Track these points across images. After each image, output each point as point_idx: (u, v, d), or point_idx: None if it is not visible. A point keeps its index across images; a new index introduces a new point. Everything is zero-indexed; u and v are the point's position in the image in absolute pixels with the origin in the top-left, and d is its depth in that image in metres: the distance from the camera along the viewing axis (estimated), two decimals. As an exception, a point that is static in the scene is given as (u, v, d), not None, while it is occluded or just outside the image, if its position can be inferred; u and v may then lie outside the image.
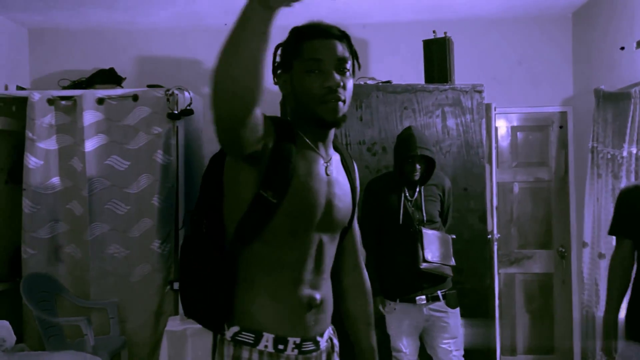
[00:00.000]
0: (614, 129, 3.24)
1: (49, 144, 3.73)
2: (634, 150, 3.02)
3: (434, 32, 3.40)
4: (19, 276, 3.64)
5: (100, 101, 3.70)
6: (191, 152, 3.87)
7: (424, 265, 2.64)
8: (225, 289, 1.32)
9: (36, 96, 3.69)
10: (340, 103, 1.30)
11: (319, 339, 1.39)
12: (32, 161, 3.67)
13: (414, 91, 3.25)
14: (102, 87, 3.85)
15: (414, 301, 2.70)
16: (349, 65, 1.32)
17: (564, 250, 4.05)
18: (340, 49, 1.32)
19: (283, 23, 1.35)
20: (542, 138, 4.16)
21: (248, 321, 1.31)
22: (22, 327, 3.62)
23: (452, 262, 2.74)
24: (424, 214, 2.72)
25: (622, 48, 3.30)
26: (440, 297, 2.72)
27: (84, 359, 2.51)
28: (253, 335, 1.30)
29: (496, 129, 4.08)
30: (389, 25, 4.07)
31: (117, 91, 3.78)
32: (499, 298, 3.80)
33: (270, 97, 4.07)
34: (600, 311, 3.25)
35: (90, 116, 3.67)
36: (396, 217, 2.71)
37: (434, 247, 2.69)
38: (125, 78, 4.00)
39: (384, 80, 3.50)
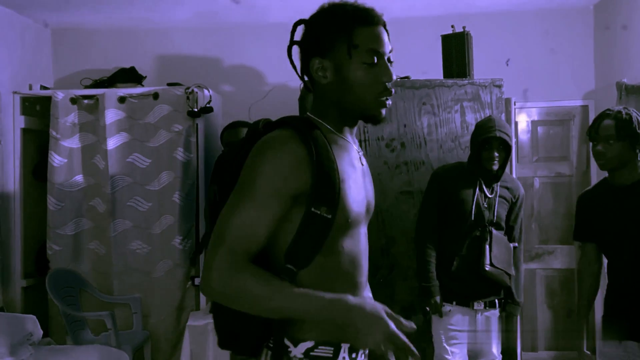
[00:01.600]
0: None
1: (72, 143, 3.81)
2: (658, 144, 2.96)
3: (452, 26, 3.37)
4: (44, 272, 3.73)
5: (122, 100, 3.76)
6: (211, 149, 3.92)
7: (488, 268, 2.50)
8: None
9: (60, 95, 3.77)
10: (389, 100, 1.23)
11: None
12: (56, 159, 3.75)
13: (432, 86, 3.24)
14: (124, 85, 3.92)
15: (471, 306, 2.58)
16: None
17: (585, 245, 4.00)
18: (387, 38, 1.24)
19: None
20: (563, 132, 4.11)
21: (325, 333, 1.19)
22: (47, 322, 3.71)
23: (512, 271, 2.62)
24: (495, 215, 2.58)
25: None
26: (497, 304, 2.63)
27: (108, 353, 2.56)
28: (332, 349, 1.20)
29: (516, 123, 4.04)
30: (407, 20, 4.05)
31: (138, 90, 3.84)
32: (520, 294, 3.77)
33: (288, 94, 4.10)
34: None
35: (112, 114, 3.74)
36: (467, 211, 2.56)
37: (501, 252, 2.56)
38: (145, 77, 4.06)
39: (402, 75, 3.50)
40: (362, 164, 1.31)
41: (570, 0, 3.91)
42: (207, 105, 3.71)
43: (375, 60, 1.20)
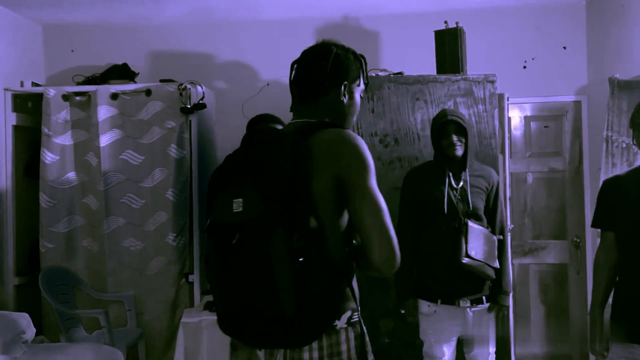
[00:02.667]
0: (629, 117, 3.20)
1: (65, 140, 3.78)
2: (650, 139, 2.98)
3: (445, 22, 3.38)
4: (37, 270, 3.71)
5: (114, 96, 3.74)
6: (204, 146, 3.90)
7: (465, 260, 2.46)
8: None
9: (51, 92, 3.74)
10: None
11: None
12: (48, 156, 3.73)
13: (425, 82, 3.24)
14: (116, 82, 3.89)
15: (457, 303, 2.55)
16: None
17: (578, 240, 4.02)
18: None
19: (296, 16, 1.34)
20: (556, 128, 4.12)
21: (352, 304, 1.45)
22: (41, 320, 3.69)
23: (496, 264, 2.58)
24: (470, 204, 2.56)
25: None
26: (484, 300, 2.60)
27: (103, 351, 2.55)
28: (357, 313, 1.47)
29: (509, 119, 4.05)
30: (401, 16, 4.05)
31: (131, 86, 3.82)
32: (513, 289, 3.78)
33: (282, 90, 4.07)
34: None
35: (104, 111, 3.72)
36: (440, 206, 2.55)
37: (478, 244, 2.50)
38: (138, 73, 4.04)
39: (395, 71, 3.50)
40: None
41: (560, -2, 3.93)
42: (200, 102, 3.69)
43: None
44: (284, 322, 1.32)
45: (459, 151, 2.58)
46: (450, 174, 2.61)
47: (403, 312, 2.67)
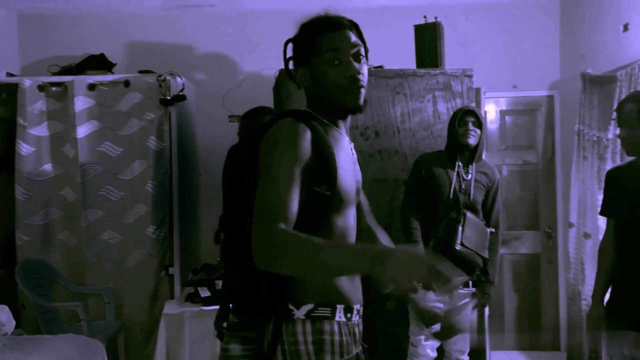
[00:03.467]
0: (600, 112, 3.31)
1: (40, 131, 3.73)
2: (619, 132, 3.09)
3: (424, 17, 3.43)
4: (13, 263, 3.66)
5: (92, 87, 3.69)
6: (184, 138, 3.89)
7: (459, 247, 2.62)
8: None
9: (27, 82, 3.67)
10: (363, 90, 1.39)
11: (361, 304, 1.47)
12: (23, 148, 3.66)
13: (405, 76, 3.29)
14: (93, 72, 3.84)
15: None
16: (362, 52, 1.40)
17: (550, 231, 4.15)
18: (354, 37, 1.40)
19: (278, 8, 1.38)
20: (530, 121, 4.23)
21: (323, 296, 1.36)
22: (18, 313, 3.64)
23: (486, 254, 2.74)
24: (471, 197, 2.72)
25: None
26: (470, 284, 2.77)
27: (84, 342, 2.55)
28: (329, 309, 1.36)
29: (485, 112, 4.14)
30: (381, 10, 4.09)
31: (109, 77, 3.78)
32: (488, 278, 3.89)
33: (262, 82, 4.10)
34: (585, 289, 3.35)
35: (81, 102, 3.67)
36: (445, 195, 2.72)
37: (472, 234, 2.67)
38: (115, 64, 3.99)
39: (376, 65, 3.54)
40: (353, 154, 1.49)
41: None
42: (180, 94, 3.68)
43: (339, 59, 1.37)
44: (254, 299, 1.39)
45: (472, 140, 2.73)
46: (459, 165, 2.76)
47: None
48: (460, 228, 2.63)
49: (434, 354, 2.84)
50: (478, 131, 2.75)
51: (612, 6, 3.41)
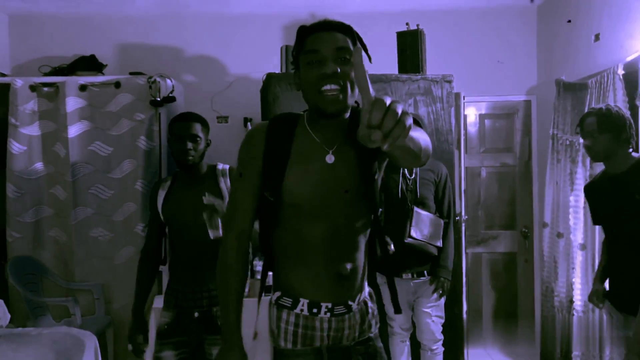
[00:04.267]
0: (573, 117, 3.48)
1: (32, 130, 3.80)
2: (589, 137, 3.26)
3: (407, 24, 3.57)
4: (4, 259, 3.73)
5: (83, 88, 3.78)
6: (173, 138, 3.98)
7: (408, 240, 2.87)
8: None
9: (19, 83, 3.75)
10: (340, 93, 1.34)
11: (350, 302, 1.51)
12: (15, 147, 3.74)
13: (388, 81, 3.43)
14: (84, 73, 3.92)
15: (401, 276, 2.97)
16: (348, 54, 1.34)
17: (526, 230, 4.31)
18: (340, 39, 1.36)
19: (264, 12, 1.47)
20: (508, 125, 4.40)
21: (288, 288, 1.49)
22: (8, 309, 3.70)
23: (439, 243, 2.97)
24: (418, 194, 2.95)
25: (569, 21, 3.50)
26: (426, 273, 3.00)
27: (77, 333, 2.64)
28: (291, 300, 1.49)
29: (465, 116, 4.29)
30: (365, 15, 4.22)
31: (100, 78, 3.86)
32: (467, 276, 4.05)
33: (250, 85, 4.19)
34: (558, 286, 3.51)
35: (73, 103, 3.75)
36: (394, 193, 2.94)
37: (422, 226, 2.92)
38: (106, 65, 4.07)
39: (359, 69, 3.66)
40: (332, 160, 1.43)
41: (516, 1, 4.18)
42: (170, 95, 3.77)
43: (318, 59, 1.35)
44: None
45: None
46: (404, 169, 2.98)
47: None
48: (408, 222, 2.88)
49: (409, 331, 3.10)
50: None
51: (584, 16, 3.58)
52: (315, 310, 1.48)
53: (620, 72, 2.98)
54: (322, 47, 1.34)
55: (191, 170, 2.39)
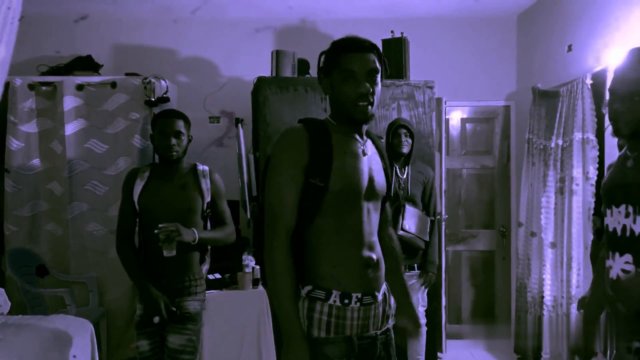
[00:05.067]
0: (546, 122, 3.67)
1: (30, 127, 3.94)
2: (560, 142, 3.46)
3: (392, 32, 3.75)
4: (1, 252, 3.86)
5: (80, 87, 3.92)
6: (166, 137, 4.12)
7: (400, 232, 3.10)
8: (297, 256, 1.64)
9: (18, 82, 3.88)
10: (369, 106, 1.62)
11: (376, 293, 1.66)
12: (13, 143, 3.87)
13: (373, 86, 3.60)
14: (81, 73, 4.06)
15: None
16: (378, 74, 1.63)
17: (504, 230, 4.51)
18: (371, 60, 1.61)
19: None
20: (488, 129, 4.59)
21: (319, 281, 1.61)
22: (5, 299, 3.84)
23: (427, 237, 3.25)
24: (409, 192, 3.23)
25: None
26: (415, 267, 3.27)
27: (73, 320, 2.79)
28: (324, 292, 1.60)
29: (447, 120, 4.48)
30: (351, 22, 4.38)
31: (96, 78, 4.00)
32: (446, 273, 4.24)
33: (242, 87, 4.34)
34: (531, 282, 3.71)
35: (70, 101, 3.89)
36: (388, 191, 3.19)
37: (412, 221, 3.17)
38: (102, 65, 4.21)
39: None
40: (367, 154, 1.69)
41: (497, 10, 4.36)
42: (164, 95, 3.92)
43: (354, 78, 1.60)
44: None
45: (406, 148, 3.22)
46: (397, 167, 3.23)
47: None
48: (400, 216, 3.13)
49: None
50: (410, 140, 3.22)
51: (559, 27, 3.77)
52: (346, 301, 1.60)
53: (589, 82, 3.17)
54: (358, 69, 1.59)
55: (173, 165, 2.48)
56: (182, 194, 2.46)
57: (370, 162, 1.69)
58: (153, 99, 3.88)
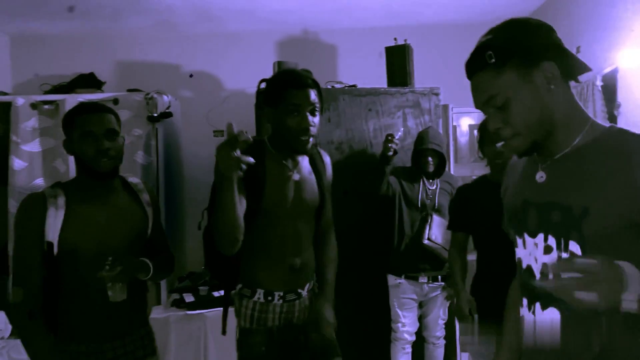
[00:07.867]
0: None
1: (33, 147, 3.90)
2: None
3: (395, 39, 3.69)
4: (5, 273, 3.81)
5: (82, 105, 3.88)
6: (170, 153, 4.09)
7: (426, 242, 3.10)
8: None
9: (20, 101, 3.86)
10: (311, 138, 1.80)
11: (300, 290, 1.94)
12: (16, 163, 3.84)
13: (377, 94, 3.54)
14: (83, 91, 4.03)
15: (416, 279, 3.15)
16: (318, 107, 1.79)
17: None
18: (313, 96, 1.77)
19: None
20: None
21: (248, 281, 1.91)
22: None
23: None
24: (436, 203, 3.19)
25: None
26: (440, 278, 3.18)
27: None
28: (250, 291, 1.90)
29: (455, 127, 4.40)
30: (355, 31, 4.35)
31: (98, 95, 3.96)
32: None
33: (245, 100, 4.30)
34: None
35: (72, 119, 3.85)
36: (415, 201, 3.16)
37: (439, 231, 3.14)
38: (105, 82, 4.19)
39: (349, 84, 3.79)
40: (297, 177, 1.88)
41: (503, 14, 4.25)
42: (167, 111, 3.88)
43: (298, 112, 1.75)
44: None
45: (431, 169, 3.17)
46: (424, 179, 3.23)
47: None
48: (427, 227, 3.09)
49: (412, 338, 3.22)
50: (436, 160, 3.17)
51: (567, 29, 3.69)
52: (270, 298, 1.89)
53: (599, 83, 3.08)
54: (301, 103, 1.75)
55: (105, 179, 1.82)
56: (126, 217, 1.83)
57: (301, 183, 1.88)
58: (156, 114, 3.83)
